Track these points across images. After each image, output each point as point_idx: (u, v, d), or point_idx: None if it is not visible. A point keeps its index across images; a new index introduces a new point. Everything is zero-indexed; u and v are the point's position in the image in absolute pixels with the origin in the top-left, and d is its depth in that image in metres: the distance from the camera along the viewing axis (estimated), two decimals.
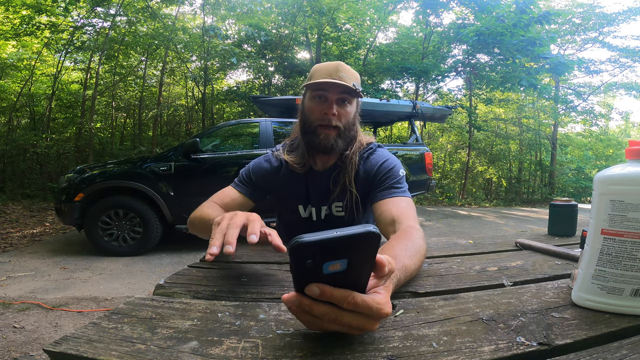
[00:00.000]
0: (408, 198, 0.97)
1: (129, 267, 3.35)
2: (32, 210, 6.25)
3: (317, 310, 0.40)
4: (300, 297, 0.40)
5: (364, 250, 0.39)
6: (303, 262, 0.38)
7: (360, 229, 0.37)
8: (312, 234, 0.37)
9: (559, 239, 1.06)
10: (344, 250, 0.38)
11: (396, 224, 0.84)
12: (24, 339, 1.89)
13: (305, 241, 0.37)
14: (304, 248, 0.37)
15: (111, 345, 0.41)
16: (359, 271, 0.40)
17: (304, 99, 1.05)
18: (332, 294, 0.39)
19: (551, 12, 8.41)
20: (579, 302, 0.53)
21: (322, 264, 0.38)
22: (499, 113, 13.90)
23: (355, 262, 0.39)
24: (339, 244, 0.37)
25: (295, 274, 0.40)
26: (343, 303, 0.39)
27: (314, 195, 1.08)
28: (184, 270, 0.71)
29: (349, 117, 1.01)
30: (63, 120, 10.23)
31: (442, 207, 8.76)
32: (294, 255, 0.38)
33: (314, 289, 0.39)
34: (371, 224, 0.38)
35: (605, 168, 0.53)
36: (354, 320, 0.41)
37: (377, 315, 0.41)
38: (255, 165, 1.12)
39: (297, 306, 0.41)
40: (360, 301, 0.40)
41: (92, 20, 8.40)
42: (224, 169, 3.95)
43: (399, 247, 0.64)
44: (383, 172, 1.00)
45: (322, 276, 0.39)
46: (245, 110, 11.07)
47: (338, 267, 0.39)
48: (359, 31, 11.26)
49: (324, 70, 0.98)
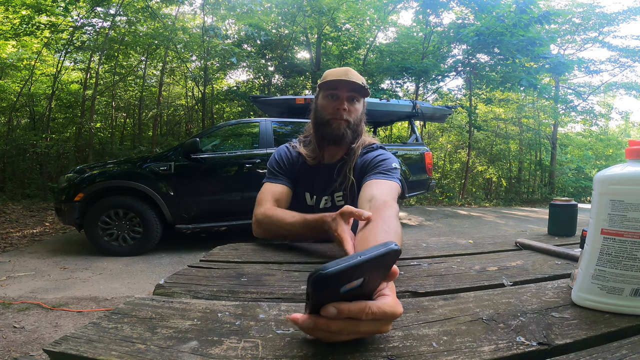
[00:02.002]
0: (393, 182, 1.00)
1: (129, 267, 3.35)
2: (32, 210, 6.25)
3: (335, 327, 0.40)
4: (315, 319, 0.40)
5: (383, 266, 0.39)
6: (325, 289, 0.37)
7: (383, 249, 0.37)
8: (335, 261, 0.36)
9: (559, 238, 1.06)
10: (365, 270, 0.38)
11: (372, 201, 0.87)
12: (24, 339, 1.89)
13: (329, 272, 0.35)
14: (328, 279, 0.36)
15: (111, 345, 0.41)
16: (372, 283, 0.41)
17: (317, 99, 1.16)
18: (350, 310, 0.39)
19: (551, 12, 8.41)
20: (578, 302, 0.53)
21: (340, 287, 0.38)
22: (499, 113, 13.90)
23: (371, 277, 0.39)
24: (362, 267, 0.37)
25: (314, 300, 0.39)
26: (362, 316, 0.39)
27: (317, 185, 1.15)
28: (184, 270, 0.71)
29: (357, 114, 1.13)
30: (63, 120, 10.23)
31: (442, 207, 8.76)
32: (318, 285, 0.37)
33: (331, 310, 0.38)
34: (392, 241, 0.39)
35: (605, 168, 0.53)
36: (370, 327, 0.41)
37: (392, 318, 0.42)
38: (280, 153, 1.20)
39: (314, 326, 0.40)
40: (377, 309, 0.40)
41: (92, 20, 8.40)
42: (224, 169, 3.95)
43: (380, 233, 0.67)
44: (376, 161, 1.08)
45: (339, 295, 0.38)
46: (245, 110, 11.06)
47: (355, 284, 0.38)
48: (358, 31, 11.26)
49: (335, 73, 1.10)
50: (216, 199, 3.88)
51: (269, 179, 1.14)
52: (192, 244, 4.21)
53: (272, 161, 1.18)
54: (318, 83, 1.13)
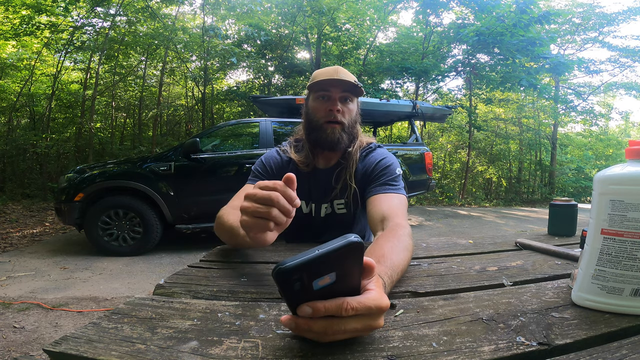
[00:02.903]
0: (401, 196, 0.98)
1: (129, 267, 3.35)
2: (32, 210, 6.25)
3: (317, 327, 0.39)
4: (296, 320, 0.40)
5: (349, 260, 0.39)
6: (291, 285, 0.38)
7: (341, 242, 0.37)
8: (295, 257, 0.37)
9: (559, 238, 1.06)
10: (330, 265, 0.38)
11: (385, 222, 0.84)
12: (24, 339, 1.89)
13: (287, 267, 0.36)
14: (288, 273, 0.36)
15: (111, 345, 0.41)
16: (348, 279, 0.40)
17: (308, 101, 1.09)
18: (326, 308, 0.39)
19: (551, 12, 8.41)
20: (578, 302, 0.53)
21: (311, 282, 0.38)
22: (499, 113, 13.90)
23: (343, 272, 0.39)
24: (323, 261, 0.37)
25: (285, 298, 0.39)
26: (341, 312, 0.39)
27: (314, 192, 1.09)
28: (184, 270, 0.71)
29: (352, 114, 1.06)
30: (63, 120, 10.23)
31: (442, 207, 8.76)
32: (279, 280, 0.37)
33: (305, 309, 0.39)
34: (352, 234, 0.38)
35: (605, 168, 0.53)
36: (358, 324, 0.40)
37: (378, 311, 0.41)
38: (268, 156, 1.13)
39: (296, 327, 0.40)
40: (357, 304, 0.39)
41: (92, 20, 8.40)
42: (224, 169, 3.95)
43: (387, 246, 0.65)
44: (380, 169, 1.03)
45: (314, 293, 0.39)
46: (245, 110, 11.07)
47: (328, 280, 0.38)
48: (358, 31, 11.25)
49: (325, 73, 1.02)
50: (216, 199, 3.86)
51: (250, 180, 1.09)
52: (192, 244, 4.21)
53: (258, 164, 1.12)
54: (307, 85, 1.06)
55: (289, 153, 1.11)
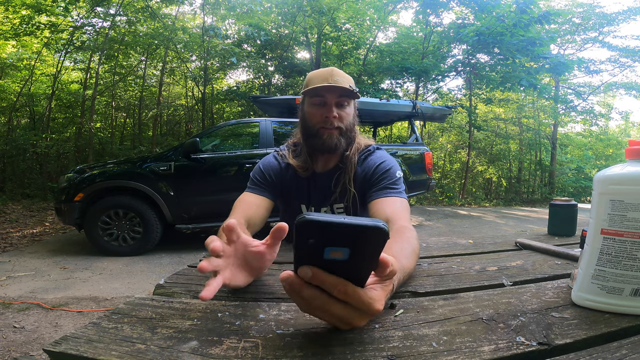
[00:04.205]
0: (403, 199, 0.97)
1: (129, 267, 3.35)
2: (32, 210, 6.25)
3: (306, 293, 0.40)
4: (294, 277, 0.40)
5: (369, 244, 0.38)
6: (306, 240, 0.38)
7: (369, 222, 0.37)
8: (321, 214, 0.37)
9: (558, 238, 1.06)
10: (348, 239, 0.37)
11: (390, 224, 0.84)
12: (24, 339, 1.89)
13: (310, 219, 0.36)
14: (309, 226, 0.37)
15: (111, 345, 0.41)
16: (360, 265, 0.40)
17: (303, 106, 1.07)
18: (323, 279, 0.39)
19: (551, 12, 8.41)
20: (578, 302, 0.53)
21: (323, 247, 0.38)
22: (498, 113, 13.90)
23: (357, 254, 0.38)
24: (345, 230, 0.37)
25: (296, 250, 0.40)
26: (333, 290, 0.39)
27: (314, 196, 1.09)
28: (184, 270, 0.71)
29: (349, 119, 1.04)
30: (63, 120, 10.23)
31: (442, 207, 8.76)
32: (298, 231, 0.37)
33: (306, 271, 0.39)
34: (382, 221, 0.38)
35: (605, 168, 0.53)
36: (342, 311, 0.40)
37: (368, 309, 0.41)
38: (266, 163, 1.11)
39: (289, 285, 0.40)
40: (352, 292, 0.39)
41: (92, 20, 8.39)
42: (224, 169, 3.95)
43: (396, 248, 0.65)
44: (380, 172, 1.02)
45: (322, 260, 0.39)
46: (245, 110, 11.07)
47: (340, 255, 0.38)
48: (358, 31, 11.25)
49: (319, 76, 1.00)
50: (216, 199, 3.87)
51: (249, 189, 1.05)
52: (192, 244, 4.21)
53: (256, 171, 1.09)
54: (302, 90, 1.03)
55: (287, 158, 1.10)
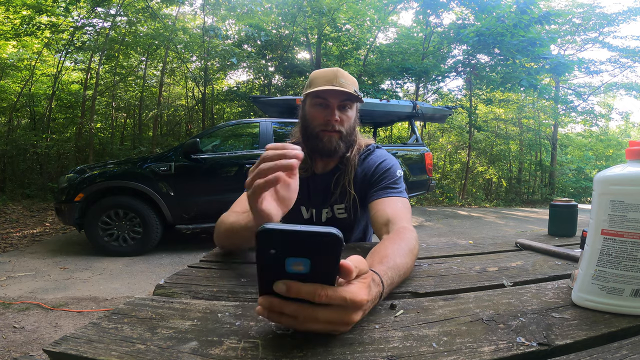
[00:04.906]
0: (404, 199, 0.97)
1: (129, 267, 3.35)
2: (32, 210, 6.25)
3: (289, 309, 0.39)
4: (271, 299, 0.40)
5: (326, 252, 0.39)
6: (267, 250, 0.39)
7: (322, 230, 0.38)
8: (280, 224, 0.38)
9: (559, 239, 1.06)
10: (306, 248, 0.38)
11: (390, 225, 0.84)
12: (24, 339, 1.89)
13: (269, 228, 0.38)
14: (268, 235, 0.38)
15: (111, 345, 0.41)
16: (322, 275, 0.40)
17: (304, 106, 1.05)
18: (299, 289, 0.39)
19: (551, 13, 8.42)
20: (579, 303, 0.53)
21: (284, 258, 0.39)
22: (499, 113, 13.90)
23: (317, 264, 0.39)
24: (301, 238, 0.38)
25: (260, 267, 0.40)
26: (314, 297, 0.39)
27: (314, 197, 1.08)
28: (184, 270, 0.71)
29: (350, 122, 1.03)
30: (63, 120, 10.23)
31: (442, 208, 8.76)
32: (259, 240, 0.38)
33: (280, 286, 0.39)
34: (336, 229, 0.38)
35: (606, 168, 0.53)
36: (330, 314, 0.40)
37: (352, 304, 0.40)
38: None
39: (268, 308, 0.40)
40: (332, 292, 0.39)
41: (93, 20, 8.42)
42: (224, 169, 3.95)
43: (391, 247, 0.65)
44: (380, 172, 1.01)
45: (286, 274, 0.39)
46: (245, 111, 11.07)
47: (301, 267, 0.39)
48: (359, 31, 11.26)
49: (323, 77, 0.98)
50: (216, 199, 3.87)
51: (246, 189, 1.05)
52: (192, 244, 4.21)
53: None
54: (305, 91, 1.01)
55: None
